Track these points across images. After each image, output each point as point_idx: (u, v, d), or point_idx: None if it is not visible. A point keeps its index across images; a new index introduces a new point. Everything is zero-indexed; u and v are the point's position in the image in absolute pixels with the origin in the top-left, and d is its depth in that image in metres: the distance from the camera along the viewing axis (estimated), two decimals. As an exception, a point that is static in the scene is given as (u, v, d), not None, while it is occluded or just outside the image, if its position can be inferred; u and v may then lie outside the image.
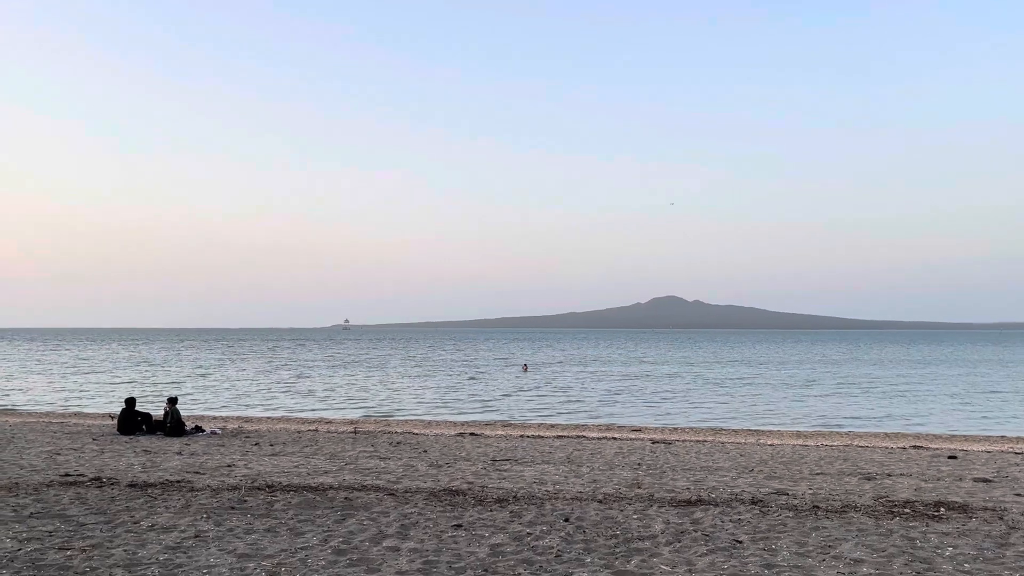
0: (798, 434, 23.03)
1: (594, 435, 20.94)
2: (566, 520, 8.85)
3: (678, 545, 7.80)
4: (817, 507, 9.76)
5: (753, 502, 10.08)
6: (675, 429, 24.32)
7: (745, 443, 19.24)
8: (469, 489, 10.90)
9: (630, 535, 8.19)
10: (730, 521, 8.90)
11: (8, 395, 37.52)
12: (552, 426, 24.94)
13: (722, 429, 24.60)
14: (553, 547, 7.69)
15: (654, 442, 18.70)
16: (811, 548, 7.72)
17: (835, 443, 19.74)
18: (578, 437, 20.12)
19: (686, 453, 16.25)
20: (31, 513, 9.03)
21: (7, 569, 6.78)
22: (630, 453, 16.05)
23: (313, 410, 31.26)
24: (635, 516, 9.12)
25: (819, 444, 19.29)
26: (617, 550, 7.61)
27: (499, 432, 21.73)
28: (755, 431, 23.99)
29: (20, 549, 7.41)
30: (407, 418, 27.94)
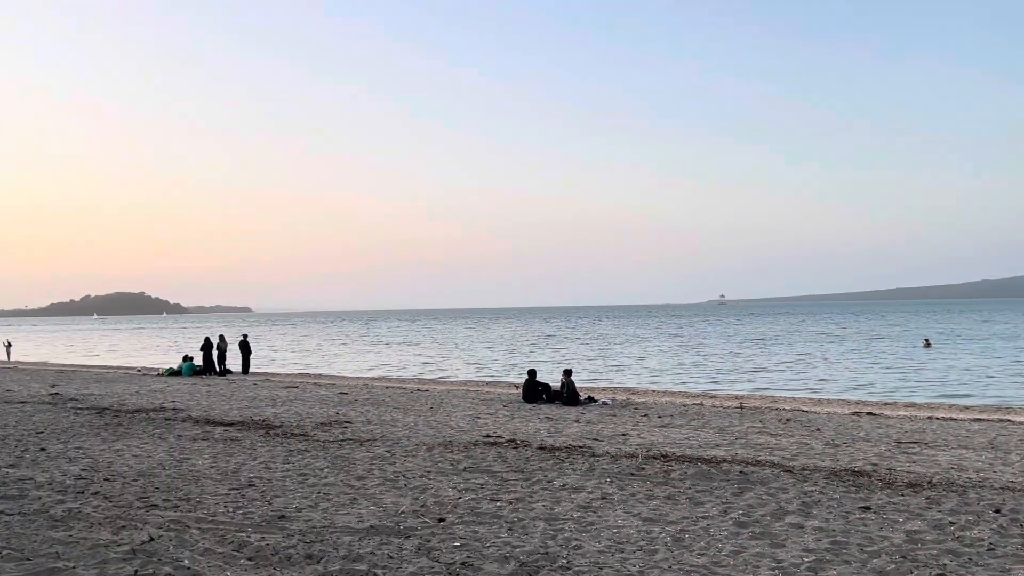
0: None
1: (1021, 419, 18.18)
2: (997, 511, 7.85)
3: None
4: None
5: None
6: None
7: None
8: (874, 471, 10.19)
9: (1084, 535, 7.01)
10: None
11: (435, 366, 43.66)
12: (966, 408, 22.17)
13: None
14: (983, 539, 6.88)
15: (1106, 430, 15.68)
16: None
17: None
18: (1001, 421, 17.64)
19: None
20: (464, 467, 10.45)
21: (452, 513, 7.94)
22: (1074, 441, 13.66)
23: (696, 384, 31.54)
24: (1089, 514, 7.76)
25: None
26: (1068, 551, 6.57)
27: (901, 412, 19.91)
28: None
29: (460, 497, 8.63)
30: (795, 395, 26.88)
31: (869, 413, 19.16)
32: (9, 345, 56.24)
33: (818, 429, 15.22)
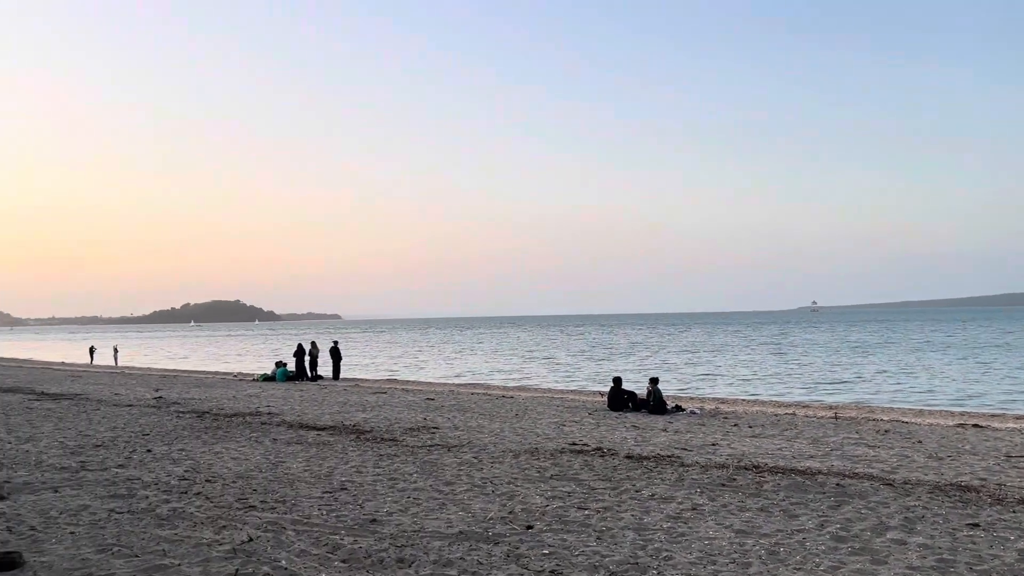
0: None
1: None
2: (1121, 532, 7.35)
3: None
4: None
5: None
6: None
7: None
8: (982, 486, 9.68)
9: None
10: None
11: (520, 373, 43.79)
12: (1083, 420, 20.83)
13: None
14: (1106, 562, 6.45)
15: None
16: None
17: None
18: (1123, 435, 16.49)
19: None
20: (551, 475, 10.43)
21: (540, 521, 7.94)
22: None
23: (790, 394, 30.66)
24: None
25: None
26: None
27: (1010, 425, 18.86)
28: None
29: (548, 505, 8.63)
30: (894, 406, 25.82)
31: (975, 425, 18.24)
32: (116, 350, 59.34)
33: (919, 441, 14.58)
